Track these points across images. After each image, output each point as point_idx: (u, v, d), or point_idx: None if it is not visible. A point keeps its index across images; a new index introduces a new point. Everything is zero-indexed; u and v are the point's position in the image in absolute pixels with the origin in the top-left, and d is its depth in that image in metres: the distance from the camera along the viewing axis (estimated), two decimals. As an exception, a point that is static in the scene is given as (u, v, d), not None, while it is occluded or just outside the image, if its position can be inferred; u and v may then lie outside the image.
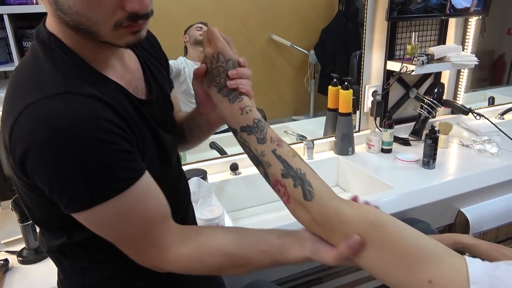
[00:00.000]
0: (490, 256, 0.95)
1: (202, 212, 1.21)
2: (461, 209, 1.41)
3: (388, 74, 1.70)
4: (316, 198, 0.58)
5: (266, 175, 0.63)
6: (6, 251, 1.06)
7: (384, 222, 0.56)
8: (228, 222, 1.17)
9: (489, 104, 2.10)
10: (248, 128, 0.64)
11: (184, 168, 1.38)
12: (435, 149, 1.45)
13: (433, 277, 0.50)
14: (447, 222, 1.43)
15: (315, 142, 1.62)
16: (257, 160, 0.64)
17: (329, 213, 0.57)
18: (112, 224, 0.56)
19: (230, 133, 0.69)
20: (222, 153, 1.58)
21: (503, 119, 1.99)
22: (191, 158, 1.49)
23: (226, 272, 0.64)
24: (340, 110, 1.59)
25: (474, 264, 0.50)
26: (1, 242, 1.10)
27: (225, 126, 0.72)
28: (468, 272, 0.49)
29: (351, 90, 1.56)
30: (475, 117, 1.69)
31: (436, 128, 1.49)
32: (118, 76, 0.60)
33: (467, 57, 1.67)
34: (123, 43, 0.55)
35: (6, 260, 1.00)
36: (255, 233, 0.65)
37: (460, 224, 1.41)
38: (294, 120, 2.42)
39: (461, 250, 1.03)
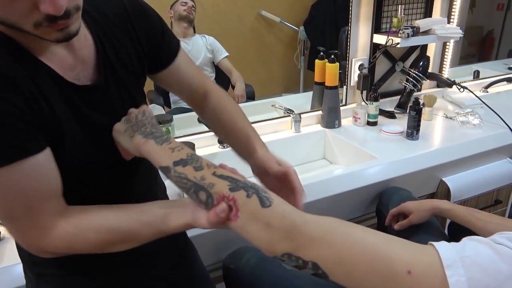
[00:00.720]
0: (466, 221, 0.99)
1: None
2: (443, 179, 1.45)
3: (375, 48, 1.71)
4: (275, 203, 0.54)
5: (208, 197, 0.57)
6: (-3, 223, 1.08)
7: (346, 223, 0.54)
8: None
9: (474, 78, 2.13)
10: (182, 161, 0.61)
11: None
12: (419, 120, 1.48)
13: (411, 267, 0.49)
14: (429, 191, 1.47)
15: (302, 115, 1.64)
16: (197, 187, 0.58)
17: (293, 216, 0.53)
18: None
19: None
20: (210, 127, 1.59)
21: (487, 92, 2.03)
22: (180, 132, 1.50)
23: (113, 248, 0.62)
24: (327, 84, 1.61)
25: (442, 247, 0.50)
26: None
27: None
28: (440, 256, 0.49)
29: (337, 63, 1.57)
30: (459, 89, 1.72)
31: (420, 101, 1.51)
32: (55, 60, 0.59)
33: (452, 29, 1.68)
34: (52, 39, 0.54)
35: (-3, 231, 1.03)
36: (139, 206, 0.64)
37: (442, 193, 1.46)
38: (282, 96, 2.42)
39: (439, 214, 1.07)
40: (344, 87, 1.76)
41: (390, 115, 1.74)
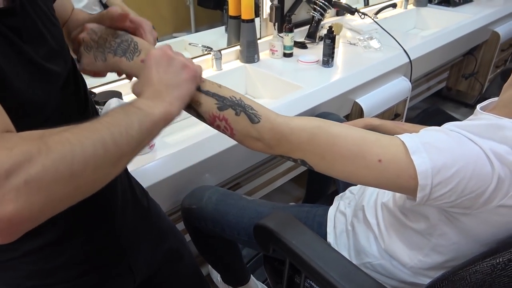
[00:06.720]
0: (394, 133, 1.14)
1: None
2: (356, 100, 1.61)
3: (283, -22, 1.72)
4: (263, 118, 0.60)
5: (199, 116, 0.61)
6: None
7: (328, 123, 0.64)
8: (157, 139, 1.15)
9: (365, 5, 2.30)
10: None
11: (96, 90, 1.28)
12: (333, 48, 1.58)
13: (381, 156, 0.60)
14: (346, 112, 1.63)
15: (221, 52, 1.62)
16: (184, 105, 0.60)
17: (281, 127, 0.61)
18: None
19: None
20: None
21: (377, 18, 2.22)
22: (96, 82, 1.36)
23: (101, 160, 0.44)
24: (243, 17, 1.59)
25: (405, 138, 0.62)
26: None
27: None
28: (405, 145, 0.60)
29: (252, -5, 1.56)
30: (360, 16, 1.86)
31: (333, 29, 1.61)
32: None
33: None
34: None
35: None
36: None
37: (356, 113, 1.63)
38: (175, 37, 2.31)
39: (371, 130, 1.21)
40: (257, 19, 1.76)
41: (302, 45, 1.82)
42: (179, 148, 1.09)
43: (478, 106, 0.70)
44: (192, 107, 0.61)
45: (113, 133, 0.46)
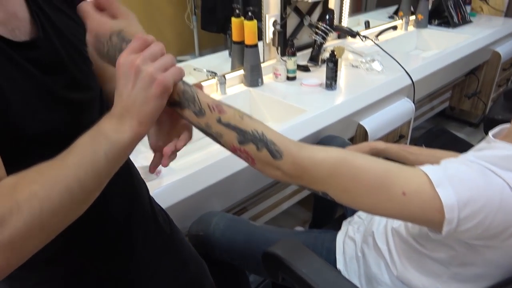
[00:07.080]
0: (400, 156, 1.14)
1: (136, 160, 1.17)
2: (360, 122, 1.62)
3: (285, 3, 1.75)
4: (285, 154, 0.59)
5: (220, 143, 0.61)
6: None
7: (351, 155, 0.63)
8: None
9: (366, 28, 2.34)
10: (177, 104, 0.58)
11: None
12: (336, 71, 1.60)
13: (405, 188, 0.59)
14: (350, 135, 1.63)
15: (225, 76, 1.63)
16: (205, 132, 0.60)
17: (305, 162, 0.59)
18: None
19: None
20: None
21: (378, 40, 2.26)
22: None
23: (69, 204, 0.47)
24: (247, 42, 1.61)
25: (428, 169, 0.61)
26: None
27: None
28: (429, 177, 0.59)
29: (255, 21, 1.58)
30: (362, 39, 1.88)
31: (335, 52, 1.63)
32: None
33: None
34: None
35: None
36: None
37: (360, 135, 1.63)
38: (180, 61, 2.35)
39: (376, 154, 1.20)
40: (260, 43, 1.79)
41: (305, 68, 1.84)
42: (186, 174, 1.09)
43: (490, 133, 0.70)
44: (213, 136, 0.60)
45: (79, 176, 0.47)
